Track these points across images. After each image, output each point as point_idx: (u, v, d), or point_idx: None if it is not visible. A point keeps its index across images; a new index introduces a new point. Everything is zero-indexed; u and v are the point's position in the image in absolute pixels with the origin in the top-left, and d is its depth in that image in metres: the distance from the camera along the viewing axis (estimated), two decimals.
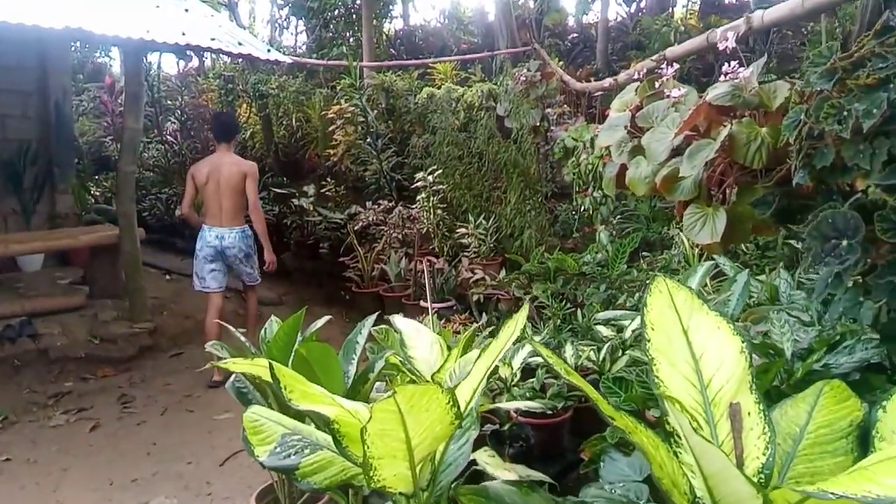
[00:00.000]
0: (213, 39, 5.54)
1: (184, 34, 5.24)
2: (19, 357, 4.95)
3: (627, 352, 3.24)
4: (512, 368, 2.78)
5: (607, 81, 4.26)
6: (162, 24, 5.12)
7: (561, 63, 7.90)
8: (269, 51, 6.28)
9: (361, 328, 2.51)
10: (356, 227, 6.80)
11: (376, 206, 7.01)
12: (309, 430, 1.55)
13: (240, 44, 5.78)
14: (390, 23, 12.99)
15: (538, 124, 6.15)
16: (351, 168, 8.61)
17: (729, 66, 2.17)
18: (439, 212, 6.34)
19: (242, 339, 2.94)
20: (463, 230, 6.10)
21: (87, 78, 16.67)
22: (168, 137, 12.85)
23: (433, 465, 1.41)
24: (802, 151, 1.75)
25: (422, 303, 5.72)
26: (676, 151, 2.43)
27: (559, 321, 3.96)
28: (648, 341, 1.39)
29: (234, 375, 2.82)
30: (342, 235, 7.45)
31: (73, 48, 16.50)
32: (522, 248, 5.74)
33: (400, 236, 6.53)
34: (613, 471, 2.05)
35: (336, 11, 11.80)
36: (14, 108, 7.06)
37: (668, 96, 2.70)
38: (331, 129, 8.67)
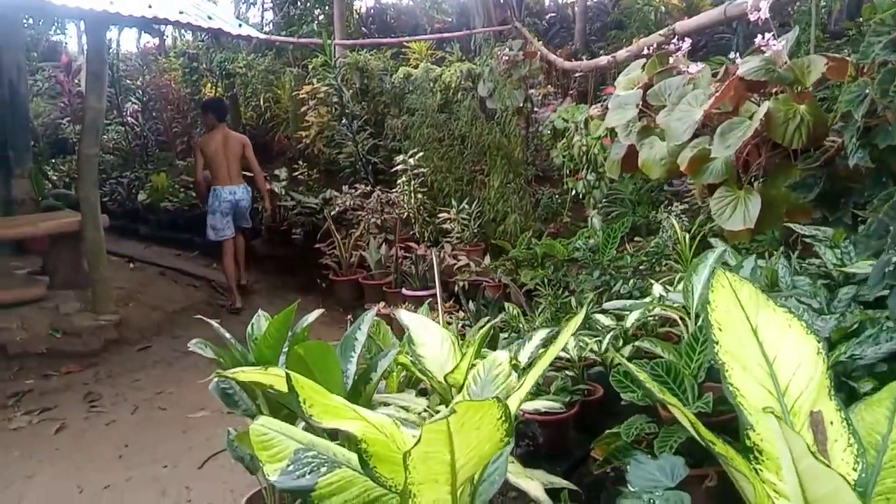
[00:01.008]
0: (181, 13, 5.21)
1: (150, 7, 4.91)
2: None
3: (631, 342, 3.11)
4: (519, 363, 2.61)
5: (604, 59, 4.10)
6: None
7: (539, 43, 7.72)
8: (240, 26, 5.96)
9: (361, 323, 2.31)
10: (333, 213, 6.56)
11: (353, 191, 6.77)
12: (325, 445, 1.36)
13: (209, 18, 5.46)
14: (361, 0, 12.65)
15: (521, 105, 5.98)
16: (324, 151, 8.32)
17: (763, 38, 2.02)
18: (420, 196, 6.13)
19: (223, 331, 2.71)
20: (445, 215, 5.91)
21: (42, 57, 15.87)
22: (129, 119, 12.34)
23: (472, 485, 1.24)
24: (859, 130, 1.61)
25: (404, 290, 5.53)
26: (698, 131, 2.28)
27: (556, 310, 3.81)
28: (717, 343, 1.23)
29: (215, 378, 2.59)
30: (317, 221, 7.19)
31: (26, 24, 15.77)
32: (507, 234, 5.59)
33: (379, 221, 6.31)
34: (642, 475, 1.89)
35: None
36: None
37: (683, 72, 2.55)
38: (302, 110, 8.37)
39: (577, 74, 6.53)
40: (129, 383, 4.70)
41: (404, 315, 2.16)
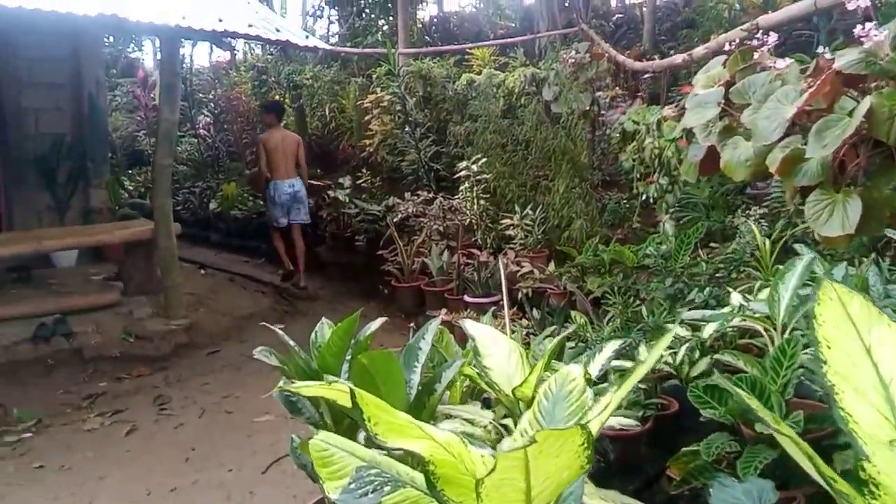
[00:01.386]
0: (250, 26, 5.32)
1: (220, 21, 5.03)
2: (53, 357, 4.81)
3: (708, 354, 2.93)
4: (590, 376, 2.48)
5: (679, 58, 3.92)
6: (198, 11, 4.91)
7: (607, 45, 7.53)
8: (307, 37, 6.04)
9: (425, 332, 2.24)
10: (395, 220, 6.55)
11: (415, 198, 6.75)
12: (388, 463, 1.29)
13: (277, 30, 5.56)
14: (425, 9, 12.71)
15: (588, 108, 5.83)
16: (387, 158, 8.36)
17: (863, 28, 1.84)
18: (482, 202, 6.05)
19: (287, 339, 2.69)
20: (508, 221, 5.80)
21: (121, 73, 16.69)
22: (201, 131, 12.77)
23: None
24: None
25: (466, 297, 5.45)
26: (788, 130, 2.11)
27: (626, 319, 3.65)
28: (825, 363, 1.09)
29: (281, 381, 2.58)
30: (380, 228, 7.21)
31: (106, 42, 16.60)
32: (572, 240, 5.44)
33: (441, 228, 6.26)
34: (726, 499, 1.75)
35: None
36: (47, 101, 6.95)
37: (769, 68, 2.38)
38: (366, 118, 8.44)
39: (646, 75, 6.33)
40: (198, 387, 4.78)
41: (470, 325, 2.07)
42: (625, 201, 5.80)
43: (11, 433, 4.03)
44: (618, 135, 4.62)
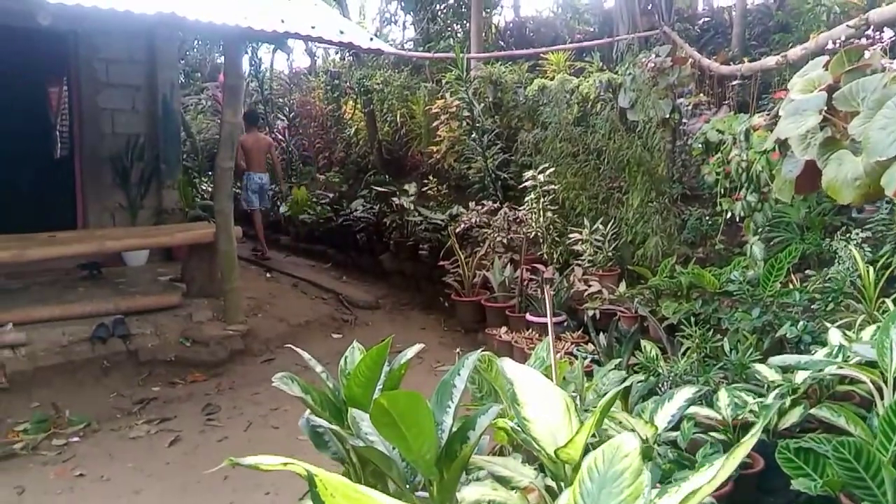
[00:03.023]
0: (312, 28, 5.20)
1: (283, 21, 4.93)
2: (109, 358, 4.80)
3: (802, 404, 2.52)
4: (656, 428, 2.14)
5: (772, 60, 3.49)
6: (260, 12, 4.83)
7: (692, 49, 7.03)
8: (371, 39, 5.88)
9: (460, 368, 1.95)
10: (457, 230, 6.30)
11: (479, 207, 6.49)
12: None
13: (341, 32, 5.41)
14: (500, 14, 12.45)
15: (668, 116, 5.39)
16: (453, 166, 8.14)
17: None
18: (549, 214, 5.71)
19: (314, 364, 2.47)
20: (576, 235, 5.44)
21: (207, 77, 17.24)
22: (277, 135, 12.95)
23: None
24: None
25: (528, 316, 5.12)
26: None
27: (704, 354, 3.25)
28: None
29: (307, 411, 2.37)
30: (443, 237, 6.97)
31: (194, 47, 17.19)
32: (646, 259, 5.02)
33: (504, 240, 5.96)
34: None
35: (444, 3, 11.39)
36: (123, 102, 7.10)
37: (882, 70, 1.98)
38: (434, 124, 8.25)
39: (735, 82, 5.83)
40: (248, 396, 4.67)
41: (509, 367, 1.78)
42: (707, 218, 5.33)
43: (60, 436, 4.01)
44: (699, 145, 4.20)
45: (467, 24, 10.85)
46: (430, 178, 8.31)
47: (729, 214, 3.95)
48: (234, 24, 4.51)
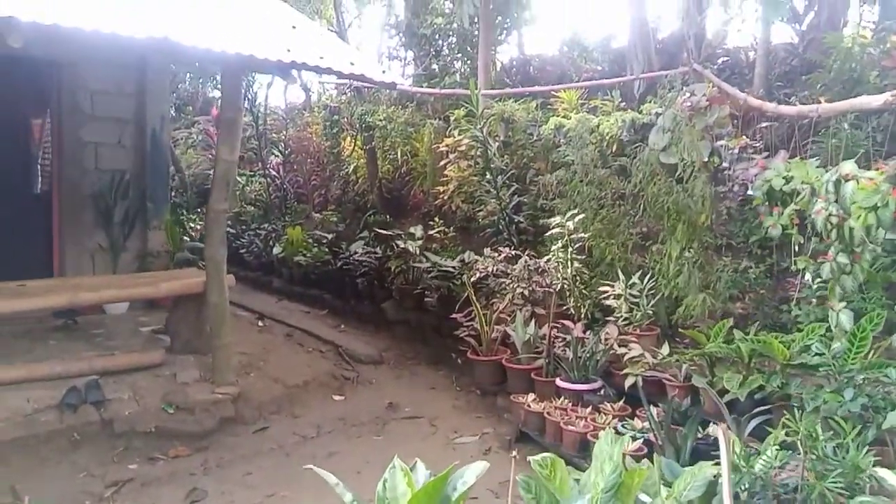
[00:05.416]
0: (321, 58, 4.71)
1: (289, 51, 4.44)
2: (79, 430, 4.16)
3: None
4: None
5: (877, 99, 3.02)
6: (264, 41, 4.34)
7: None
8: (384, 73, 5.41)
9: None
10: (472, 279, 5.75)
11: (496, 254, 5.96)
12: None
13: (351, 63, 4.94)
14: (503, 52, 12.12)
15: (706, 160, 4.92)
16: (462, 207, 7.63)
17: None
18: (577, 264, 5.19)
19: (337, 484, 1.89)
20: (608, 289, 4.91)
21: (199, 111, 16.79)
22: (271, 171, 12.45)
23: None
24: None
25: (559, 381, 4.55)
26: None
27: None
28: None
29: None
30: (454, 286, 6.42)
31: (186, 80, 16.77)
32: (690, 317, 4.50)
33: (526, 292, 5.41)
34: None
35: (450, 39, 11.04)
36: (109, 135, 6.58)
37: None
38: (442, 163, 7.77)
39: (763, 124, 5.41)
40: (240, 478, 4.04)
41: None
42: (752, 270, 4.83)
43: None
44: (760, 194, 3.71)
45: (471, 62, 10.51)
46: (436, 219, 7.80)
47: (806, 277, 3.44)
48: (235, 52, 4.01)
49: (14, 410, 4.14)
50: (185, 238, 8.10)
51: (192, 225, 10.12)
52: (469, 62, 10.98)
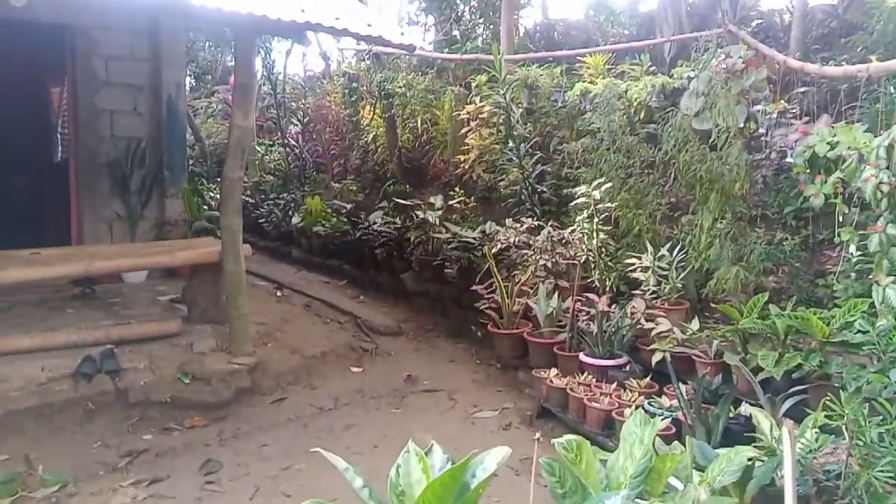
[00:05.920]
0: (337, 19, 4.52)
1: (303, 11, 4.26)
2: (94, 399, 4.11)
3: None
4: None
5: None
6: (276, 1, 4.16)
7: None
8: (402, 35, 5.20)
9: None
10: (494, 251, 5.59)
11: (518, 225, 5.79)
12: None
13: (369, 25, 4.74)
14: (526, 17, 11.77)
15: (742, 126, 4.68)
16: (483, 177, 7.43)
17: None
18: (602, 235, 5.00)
19: (350, 472, 1.76)
20: (634, 261, 4.72)
21: (218, 80, 16.65)
22: (290, 140, 12.32)
23: None
24: None
25: (583, 356, 4.40)
26: None
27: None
28: None
29: None
30: (475, 257, 6.27)
31: (204, 48, 16.61)
32: (721, 291, 4.30)
33: (549, 264, 5.24)
34: None
35: (471, 3, 10.72)
36: (124, 102, 6.46)
37: None
38: (463, 131, 7.56)
39: (801, 89, 5.12)
40: (256, 449, 3.97)
41: None
42: (787, 241, 4.61)
43: (29, 501, 3.32)
44: (802, 161, 3.48)
45: (493, 26, 10.21)
46: (456, 189, 7.62)
47: (851, 249, 3.23)
48: (247, 13, 3.84)
49: (28, 379, 4.10)
50: (204, 207, 8.03)
51: (212, 194, 10.06)
52: (491, 27, 10.67)
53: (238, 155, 4.78)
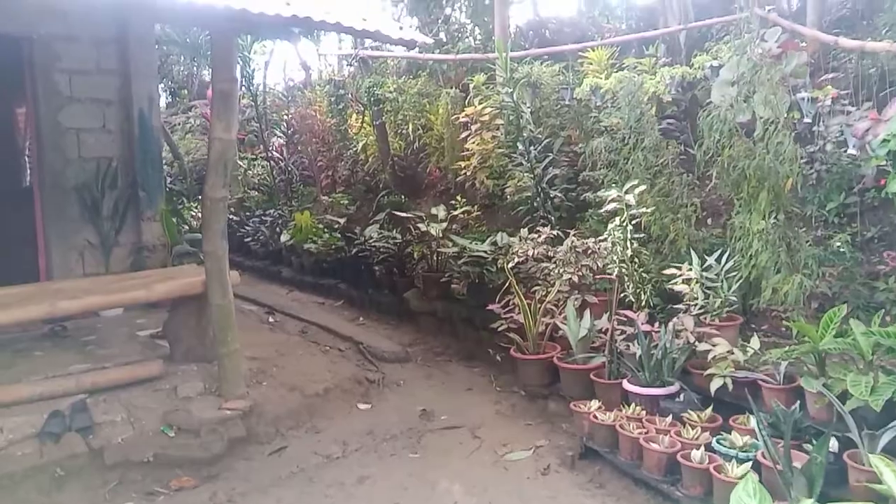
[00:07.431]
0: (327, 13, 3.98)
1: (288, 4, 3.71)
2: (63, 464, 3.50)
3: None
4: None
5: None
6: None
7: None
8: (401, 29, 4.66)
9: None
10: (511, 265, 5.05)
11: (535, 235, 5.26)
12: None
13: (364, 20, 4.20)
14: (516, 15, 11.28)
15: (786, 116, 4.18)
16: (485, 183, 6.90)
17: None
18: (635, 244, 4.47)
19: None
20: (675, 272, 4.20)
21: (195, 94, 16.02)
22: (274, 153, 11.73)
23: None
24: None
25: (626, 384, 3.85)
26: None
27: None
28: None
29: None
30: (488, 273, 5.73)
31: (179, 61, 15.96)
32: (781, 303, 3.79)
33: (575, 278, 4.70)
34: None
35: (459, 2, 10.22)
36: (92, 120, 5.85)
37: None
38: (463, 135, 7.03)
39: (828, 75, 4.65)
40: None
41: None
42: (839, 240, 4.12)
43: None
44: (882, 153, 2.99)
45: (486, 22, 9.70)
46: (457, 198, 7.08)
47: None
48: (224, 6, 3.28)
49: None
50: (185, 227, 7.42)
51: (194, 213, 9.45)
52: (479, 28, 10.20)
53: (220, 171, 4.19)
